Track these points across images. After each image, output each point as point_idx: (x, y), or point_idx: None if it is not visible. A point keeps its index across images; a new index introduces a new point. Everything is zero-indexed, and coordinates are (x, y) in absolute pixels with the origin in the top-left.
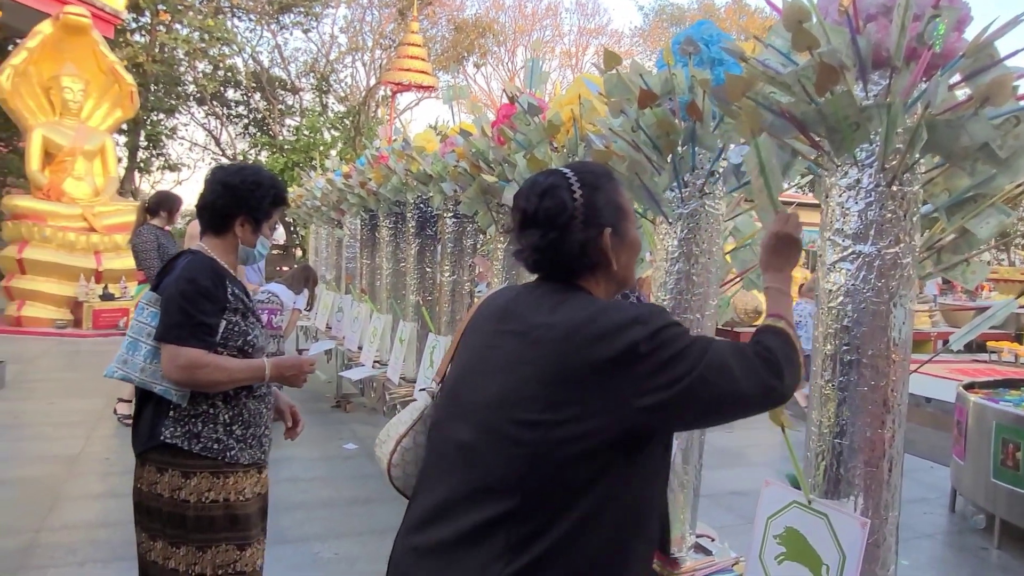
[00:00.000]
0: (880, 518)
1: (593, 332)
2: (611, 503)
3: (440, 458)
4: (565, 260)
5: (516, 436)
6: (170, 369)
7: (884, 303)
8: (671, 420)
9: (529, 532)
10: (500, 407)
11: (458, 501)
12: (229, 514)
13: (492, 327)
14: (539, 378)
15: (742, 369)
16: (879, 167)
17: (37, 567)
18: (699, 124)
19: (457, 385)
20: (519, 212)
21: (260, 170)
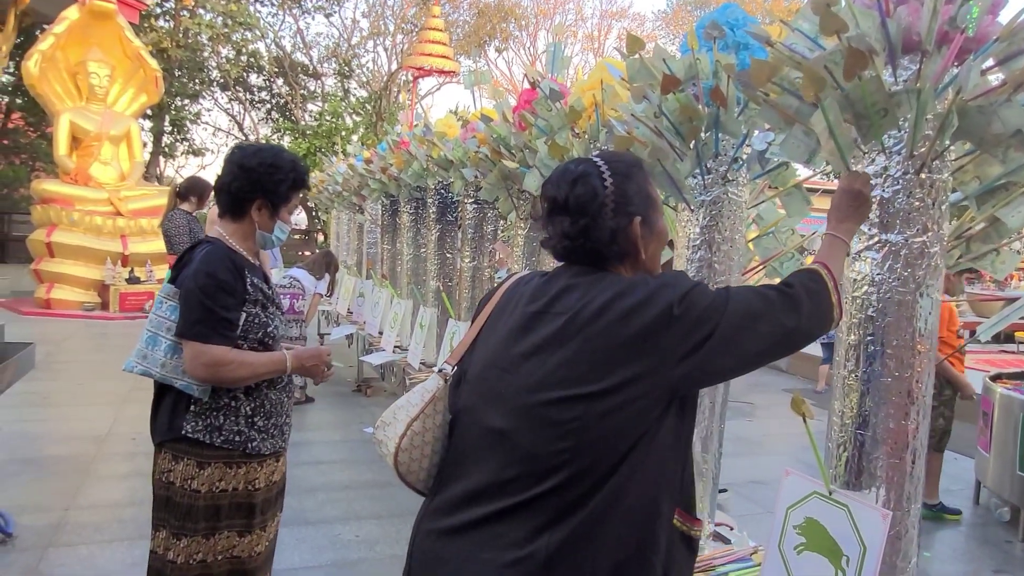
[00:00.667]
0: (902, 510)
1: (628, 304)
2: (643, 468)
3: (471, 445)
4: (594, 247)
5: (556, 417)
6: (194, 367)
7: (910, 293)
8: (708, 374)
9: (569, 505)
10: (538, 390)
11: (494, 485)
12: (235, 503)
13: (521, 310)
14: (578, 356)
15: (764, 308)
16: (907, 154)
17: (66, 544)
18: (723, 110)
19: (486, 371)
20: (548, 200)
21: (280, 152)
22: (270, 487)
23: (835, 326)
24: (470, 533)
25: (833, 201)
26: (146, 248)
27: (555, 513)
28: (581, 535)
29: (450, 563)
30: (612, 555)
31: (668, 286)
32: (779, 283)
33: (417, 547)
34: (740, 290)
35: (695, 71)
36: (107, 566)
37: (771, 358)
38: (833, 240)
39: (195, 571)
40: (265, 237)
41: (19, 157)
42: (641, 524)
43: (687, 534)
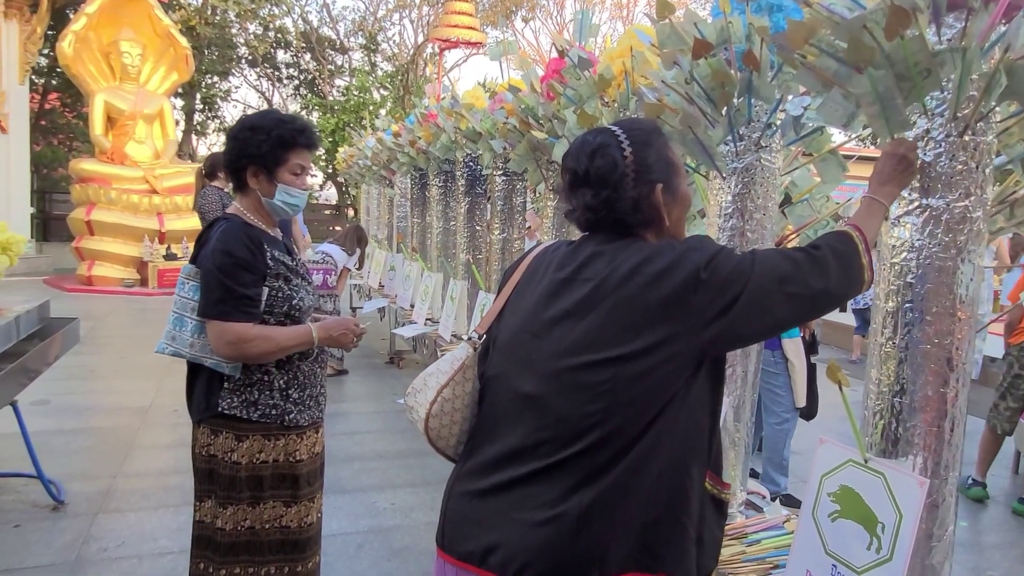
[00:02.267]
0: (940, 478)
1: (655, 268)
2: (673, 430)
3: (502, 410)
4: (618, 217)
5: (587, 380)
6: (218, 345)
7: (951, 259)
8: (737, 336)
9: (600, 466)
10: (569, 354)
11: (527, 448)
12: (277, 474)
13: (550, 278)
14: (607, 320)
15: (791, 270)
16: (950, 116)
17: (116, 510)
18: (756, 74)
19: (516, 337)
20: (569, 172)
21: (266, 114)
22: (313, 459)
23: (866, 288)
24: (502, 495)
25: (876, 166)
26: (181, 225)
27: (586, 474)
28: (612, 495)
29: (483, 524)
30: (643, 514)
31: (695, 250)
32: (807, 245)
33: (450, 509)
34: (767, 252)
35: (727, 35)
36: (154, 531)
37: (799, 320)
38: (871, 203)
39: (244, 536)
40: (273, 205)
41: (57, 138)
42: (671, 485)
43: (717, 497)
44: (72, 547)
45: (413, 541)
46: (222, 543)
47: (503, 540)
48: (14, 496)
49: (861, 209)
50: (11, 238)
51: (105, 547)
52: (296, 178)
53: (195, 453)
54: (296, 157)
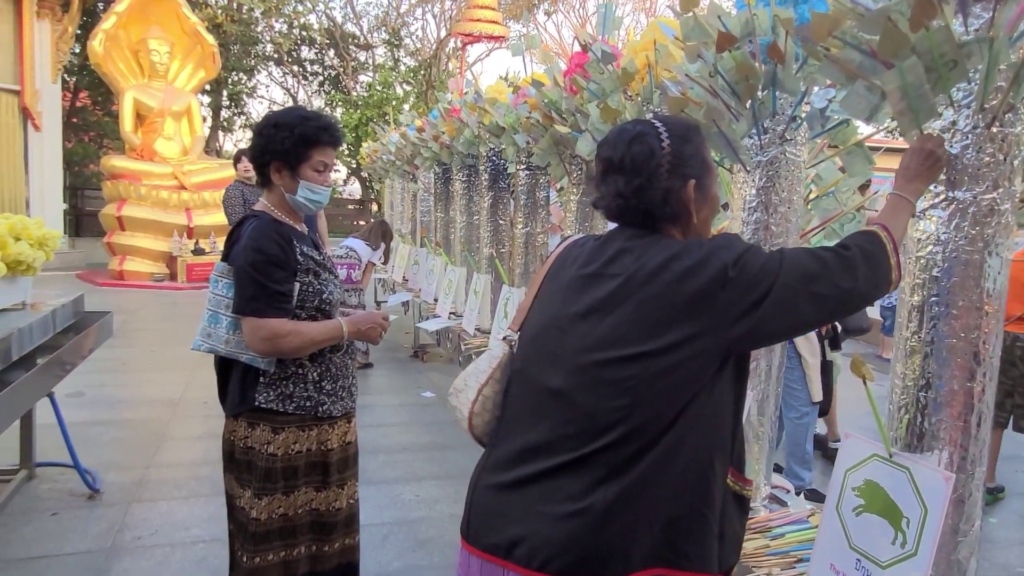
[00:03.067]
0: (966, 473)
1: (683, 266)
2: (697, 426)
3: (528, 404)
4: (647, 208)
5: (612, 376)
6: (253, 341)
7: (978, 252)
8: (763, 335)
9: (625, 460)
10: (595, 349)
11: (552, 442)
12: (309, 462)
13: (576, 273)
14: (634, 316)
15: (819, 270)
16: (977, 107)
17: (149, 499)
18: (781, 67)
19: (543, 333)
20: (604, 160)
21: (289, 111)
22: (344, 448)
23: (894, 288)
24: (528, 487)
25: (902, 162)
26: (209, 220)
27: (611, 468)
28: (637, 490)
29: (508, 516)
30: (667, 510)
31: (723, 248)
32: (836, 245)
33: (475, 502)
34: (795, 252)
35: (752, 27)
36: (186, 520)
37: (826, 320)
38: (898, 200)
39: (277, 523)
40: (296, 201)
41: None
42: (696, 481)
43: (739, 493)
44: (107, 535)
45: (437, 533)
46: (256, 532)
47: (528, 533)
48: (51, 485)
49: (888, 207)
50: (47, 234)
51: (139, 535)
52: (319, 175)
53: (233, 446)
54: (319, 154)
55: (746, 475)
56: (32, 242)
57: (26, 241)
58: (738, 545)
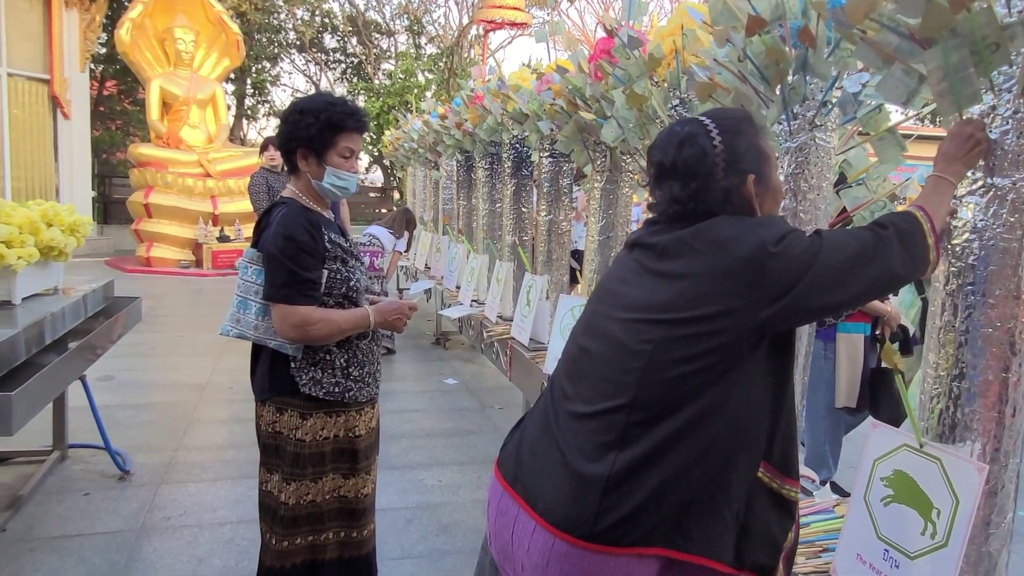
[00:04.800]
0: (999, 464)
1: (723, 236)
2: (721, 410)
3: (568, 363)
4: (708, 209)
5: (631, 338)
6: (283, 328)
7: (1016, 240)
8: (797, 314)
9: (633, 427)
10: (623, 311)
11: (572, 397)
12: (338, 448)
13: (625, 254)
14: (669, 283)
15: (857, 250)
16: (1019, 91)
17: (177, 481)
18: (812, 51)
19: (594, 298)
20: (655, 165)
21: (315, 97)
22: (370, 433)
23: (932, 270)
24: (548, 437)
25: (941, 147)
26: (234, 208)
27: (620, 433)
28: (647, 464)
29: (529, 455)
30: (680, 491)
31: (764, 226)
32: (873, 223)
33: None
34: (833, 233)
35: (782, 10)
36: (214, 502)
37: (864, 300)
38: (938, 181)
39: (305, 509)
40: (323, 187)
41: (115, 123)
42: (714, 466)
43: (776, 491)
44: (137, 515)
45: (460, 518)
46: (285, 516)
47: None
48: (83, 466)
49: (927, 188)
50: (78, 220)
51: (168, 516)
52: (345, 161)
53: (261, 430)
54: (345, 140)
55: (794, 475)
56: (64, 228)
57: (58, 227)
58: (771, 546)
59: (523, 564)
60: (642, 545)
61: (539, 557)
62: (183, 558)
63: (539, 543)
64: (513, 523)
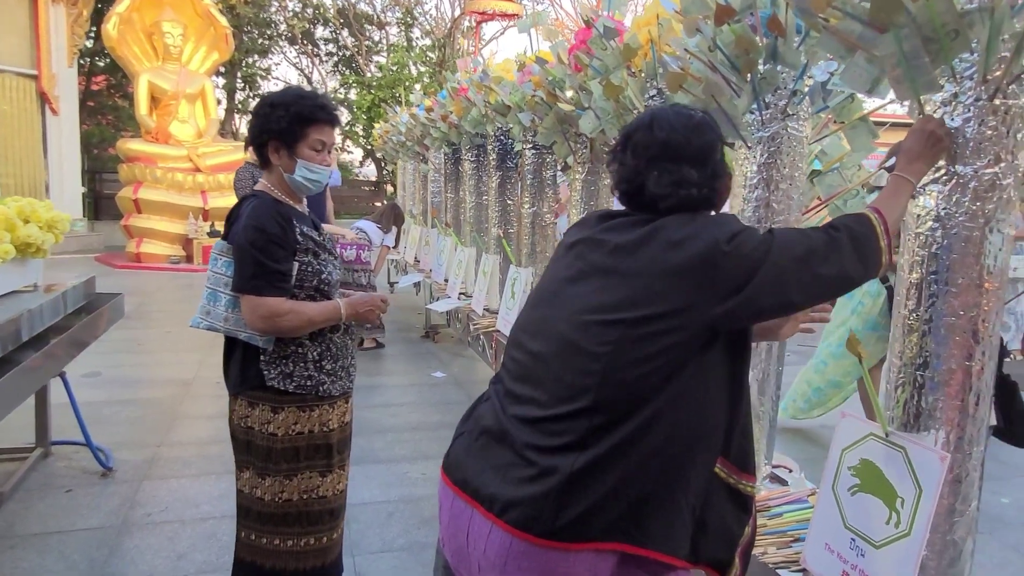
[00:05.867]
0: (963, 453)
1: (675, 236)
2: (677, 407)
3: (515, 366)
4: (709, 196)
5: (588, 341)
6: (252, 319)
7: (978, 228)
8: (748, 314)
9: (593, 431)
10: (577, 313)
11: (526, 401)
12: (312, 444)
13: (573, 239)
14: (621, 281)
15: (807, 251)
16: (980, 79)
17: (159, 477)
18: (781, 40)
19: (538, 297)
20: (658, 144)
21: (286, 91)
22: (343, 427)
23: (883, 272)
24: (500, 439)
25: (904, 143)
26: (224, 203)
27: (579, 436)
28: (606, 462)
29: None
30: (637, 487)
31: (717, 224)
32: (826, 225)
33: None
34: (785, 232)
35: (752, 0)
36: (196, 497)
37: (814, 300)
38: (898, 181)
39: (282, 508)
40: (295, 181)
41: (105, 118)
42: (672, 462)
43: (733, 487)
44: (119, 512)
45: None
46: (262, 513)
47: (491, 480)
48: (66, 463)
49: (887, 188)
50: (56, 216)
51: (150, 512)
52: (317, 154)
53: (233, 425)
54: (316, 133)
55: (750, 471)
56: (41, 224)
57: (35, 224)
58: (730, 540)
59: (480, 565)
60: (600, 540)
61: (496, 557)
62: (164, 554)
63: (496, 543)
64: (468, 525)
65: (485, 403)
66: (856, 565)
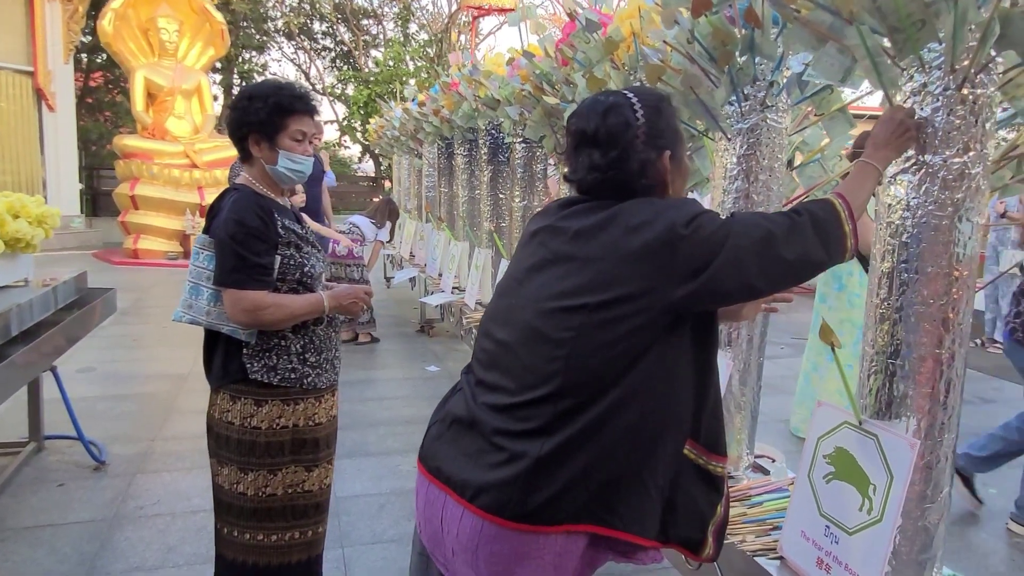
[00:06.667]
0: (933, 439)
1: (633, 221)
2: (645, 390)
3: (484, 356)
4: (624, 179)
5: (551, 328)
6: (234, 313)
7: (948, 217)
8: (710, 297)
9: (560, 416)
10: (540, 301)
11: (495, 389)
12: (298, 439)
13: (537, 227)
14: (580, 269)
15: (769, 235)
16: (948, 68)
17: (153, 471)
18: (759, 32)
19: (504, 287)
20: (575, 133)
21: (264, 82)
22: (331, 421)
23: (849, 257)
24: (471, 427)
25: (872, 130)
26: None
27: (545, 421)
28: (573, 447)
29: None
30: (605, 470)
31: (675, 208)
32: (789, 210)
33: (432, 426)
34: (747, 216)
35: None
36: (188, 491)
37: (776, 285)
38: (864, 168)
39: (266, 503)
40: (277, 172)
41: (103, 115)
42: (639, 445)
43: (703, 467)
44: (111, 505)
45: None
46: (245, 508)
47: (463, 467)
48: (59, 457)
49: (853, 174)
50: (46, 211)
51: (142, 505)
52: (298, 144)
53: (214, 419)
54: (296, 123)
55: (721, 452)
56: (31, 220)
57: (24, 219)
58: (701, 520)
59: (453, 549)
60: (570, 522)
61: (468, 540)
62: (154, 546)
63: (468, 527)
64: (441, 510)
65: (457, 393)
66: (830, 552)
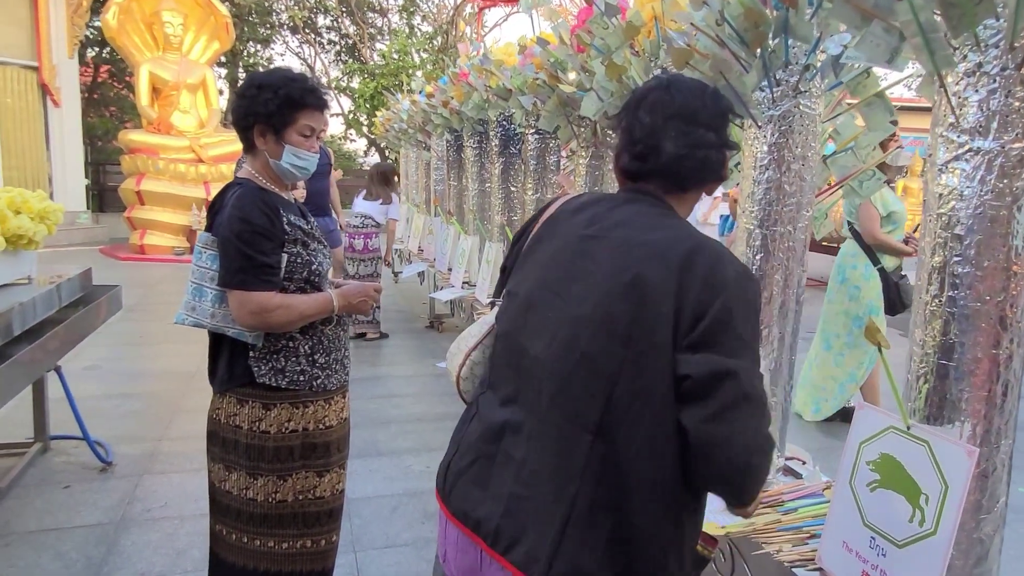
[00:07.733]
0: (990, 446)
1: (691, 266)
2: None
3: (509, 369)
4: (717, 161)
5: (604, 354)
6: (241, 315)
7: (1006, 207)
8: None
9: (599, 465)
10: (589, 319)
11: (525, 410)
12: (308, 443)
13: (578, 233)
14: (632, 290)
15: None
16: (1007, 47)
17: (159, 472)
18: (793, 12)
19: (535, 295)
20: (676, 106)
21: (273, 72)
22: (342, 424)
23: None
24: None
25: None
26: None
27: (581, 465)
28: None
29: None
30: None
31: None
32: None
33: (455, 461)
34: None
35: None
36: (196, 492)
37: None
38: None
39: (275, 510)
40: (281, 167)
41: (108, 110)
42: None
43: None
44: (118, 508)
45: None
46: (255, 513)
47: (496, 512)
48: (65, 458)
49: None
50: (48, 207)
51: (149, 507)
52: (305, 140)
53: (220, 424)
54: (305, 118)
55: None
56: (33, 215)
57: (27, 215)
58: None
59: None
60: None
61: None
62: (162, 551)
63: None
64: (479, 561)
65: (472, 418)
66: (877, 565)
